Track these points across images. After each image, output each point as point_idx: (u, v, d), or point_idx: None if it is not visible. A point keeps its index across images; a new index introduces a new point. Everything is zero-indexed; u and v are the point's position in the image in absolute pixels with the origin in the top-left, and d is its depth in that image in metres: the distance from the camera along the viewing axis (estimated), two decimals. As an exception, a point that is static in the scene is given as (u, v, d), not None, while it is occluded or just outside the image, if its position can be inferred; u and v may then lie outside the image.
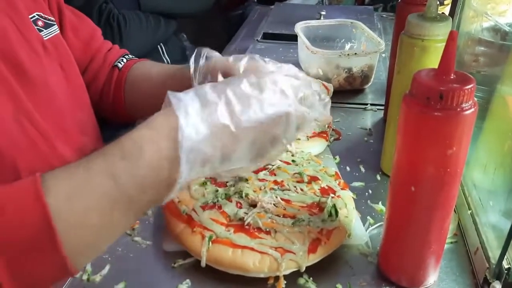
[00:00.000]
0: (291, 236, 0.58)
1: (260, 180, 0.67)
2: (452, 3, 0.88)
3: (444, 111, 0.46)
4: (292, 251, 0.56)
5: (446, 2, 1.22)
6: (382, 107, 0.99)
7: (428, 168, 0.49)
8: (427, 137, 0.48)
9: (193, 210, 0.62)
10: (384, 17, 1.66)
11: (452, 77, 0.46)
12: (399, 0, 0.88)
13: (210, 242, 0.57)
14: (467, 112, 0.46)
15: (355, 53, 1.03)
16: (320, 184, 0.67)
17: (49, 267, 0.42)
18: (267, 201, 0.62)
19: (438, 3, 0.68)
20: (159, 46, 1.46)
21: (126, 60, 0.81)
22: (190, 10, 1.55)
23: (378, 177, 0.77)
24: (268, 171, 0.69)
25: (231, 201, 0.63)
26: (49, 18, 0.70)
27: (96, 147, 0.45)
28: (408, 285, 0.57)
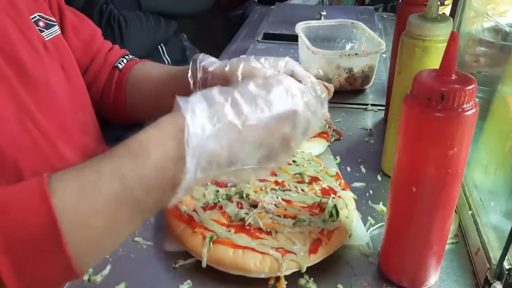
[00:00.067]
0: (292, 237, 0.58)
1: (261, 181, 0.67)
2: (453, 4, 0.88)
3: (445, 112, 0.46)
4: (293, 252, 0.56)
5: (447, 3, 1.22)
6: (383, 108, 0.99)
7: (429, 169, 0.49)
8: (428, 138, 0.48)
9: (194, 211, 0.62)
10: (385, 18, 1.66)
11: (453, 78, 0.46)
12: (400, 1, 0.88)
13: (211, 243, 0.57)
14: (468, 113, 0.46)
15: (356, 54, 1.03)
16: (321, 185, 0.67)
17: (54, 268, 0.42)
18: (268, 202, 0.62)
19: (439, 4, 0.68)
20: (160, 47, 1.46)
21: (127, 61, 0.81)
22: (190, 10, 1.55)
23: (379, 178, 0.77)
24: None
25: (232, 202, 0.63)
26: (50, 19, 0.70)
27: (98, 148, 0.45)
28: (409, 286, 0.57)
